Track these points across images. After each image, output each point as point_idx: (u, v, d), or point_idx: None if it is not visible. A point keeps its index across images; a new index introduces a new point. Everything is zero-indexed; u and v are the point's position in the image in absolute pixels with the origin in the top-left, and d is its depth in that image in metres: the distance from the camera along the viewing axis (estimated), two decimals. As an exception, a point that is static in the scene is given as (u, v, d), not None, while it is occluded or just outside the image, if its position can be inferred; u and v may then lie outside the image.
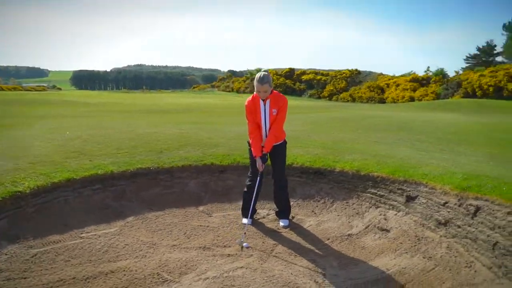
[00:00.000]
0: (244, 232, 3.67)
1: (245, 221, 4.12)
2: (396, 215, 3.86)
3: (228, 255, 3.39)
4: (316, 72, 41.50)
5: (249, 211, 4.20)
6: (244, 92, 43.25)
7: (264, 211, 4.47)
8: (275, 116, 3.92)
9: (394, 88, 30.82)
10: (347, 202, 4.39)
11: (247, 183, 4.17)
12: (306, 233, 3.94)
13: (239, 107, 17.05)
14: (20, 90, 39.46)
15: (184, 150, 5.71)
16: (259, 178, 3.95)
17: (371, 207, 4.16)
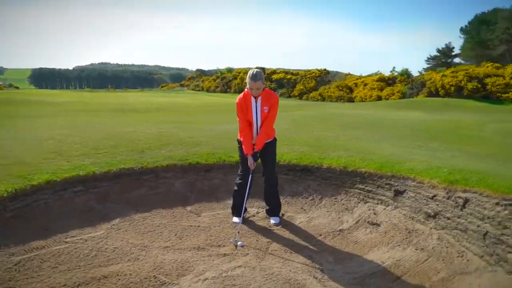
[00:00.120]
0: (238, 231, 3.63)
1: (236, 220, 4.08)
2: (385, 209, 3.96)
3: (224, 254, 3.33)
4: (286, 71, 41.85)
5: (240, 210, 4.16)
6: (214, 91, 42.77)
7: (253, 209, 4.45)
8: (267, 114, 3.92)
9: (362, 87, 31.68)
10: (335, 198, 4.45)
11: (237, 181, 4.12)
12: (298, 230, 3.96)
13: (213, 106, 16.88)
14: (-28, 89, 36.86)
15: (166, 149, 5.56)
16: (251, 176, 3.92)
17: (360, 202, 4.24)
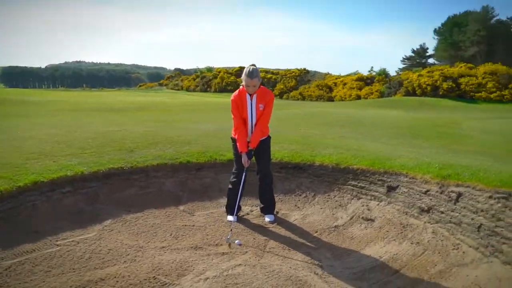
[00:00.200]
0: (231, 229, 3.60)
1: (230, 218, 4.04)
2: (378, 205, 4.02)
3: (222, 253, 3.29)
4: (266, 71, 41.98)
5: (235, 208, 4.13)
6: (194, 91, 42.37)
7: (247, 207, 4.42)
8: (262, 111, 3.91)
9: (341, 86, 32.22)
10: (328, 195, 4.49)
11: (232, 179, 4.09)
12: (294, 227, 3.96)
13: (194, 105, 16.72)
14: None
15: (155, 148, 5.46)
16: (245, 174, 3.90)
17: (353, 199, 4.29)
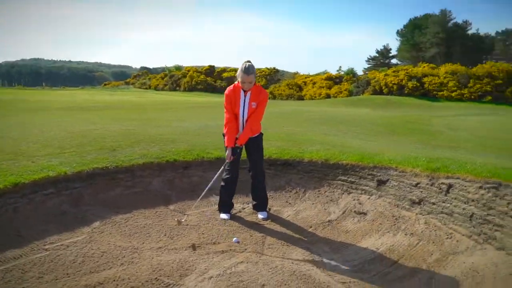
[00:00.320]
0: (186, 215, 3.74)
1: (224, 216, 3.99)
2: (369, 198, 4.12)
3: (222, 251, 3.24)
4: (236, 70, 41.79)
5: (228, 206, 4.09)
6: (163, 90, 41.44)
7: (238, 205, 4.38)
8: (254, 109, 3.88)
9: (311, 86, 32.74)
10: (319, 191, 4.53)
11: (224, 177, 4.04)
12: (288, 223, 3.97)
13: (166, 104, 16.37)
14: None
15: (139, 147, 5.28)
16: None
17: (344, 193, 4.36)
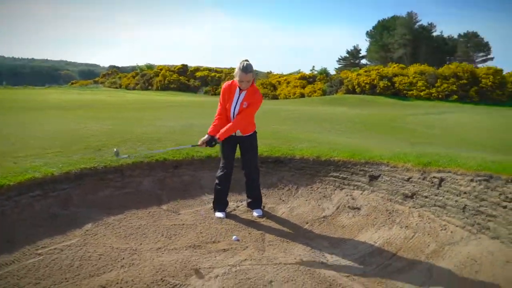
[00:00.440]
0: None
1: (219, 215, 3.95)
2: (362, 194, 4.21)
3: (223, 250, 3.21)
4: (209, 69, 41.56)
5: (223, 204, 4.05)
6: (134, 89, 40.40)
7: (232, 203, 4.35)
8: (244, 109, 3.85)
9: (285, 85, 32.99)
10: (311, 187, 4.58)
11: (219, 174, 4.00)
12: (283, 220, 3.98)
13: (140, 103, 15.96)
14: None
15: (125, 146, 5.13)
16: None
17: (336, 189, 4.43)
